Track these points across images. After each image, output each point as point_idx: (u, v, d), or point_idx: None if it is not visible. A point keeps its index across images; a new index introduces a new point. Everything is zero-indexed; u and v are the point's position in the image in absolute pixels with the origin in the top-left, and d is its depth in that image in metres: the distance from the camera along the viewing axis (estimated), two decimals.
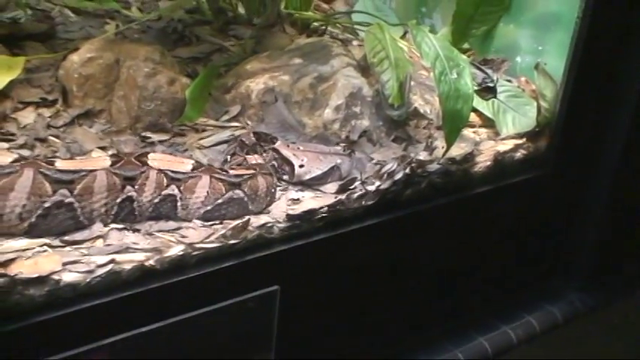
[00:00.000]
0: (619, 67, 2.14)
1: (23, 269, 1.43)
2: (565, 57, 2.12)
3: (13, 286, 1.38)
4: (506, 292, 2.30)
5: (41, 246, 1.57)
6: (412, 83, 2.27)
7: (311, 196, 1.93)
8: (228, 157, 1.99)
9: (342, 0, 3.02)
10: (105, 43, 2.14)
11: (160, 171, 1.73)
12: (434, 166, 1.97)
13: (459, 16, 2.47)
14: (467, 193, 2.05)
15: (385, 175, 1.93)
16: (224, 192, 1.77)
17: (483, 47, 2.54)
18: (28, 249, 1.54)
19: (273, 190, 1.87)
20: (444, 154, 2.00)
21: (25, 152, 1.87)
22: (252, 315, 1.67)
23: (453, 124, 1.96)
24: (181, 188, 1.74)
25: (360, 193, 1.86)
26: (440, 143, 2.11)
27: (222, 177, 1.78)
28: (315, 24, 2.60)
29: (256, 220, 1.73)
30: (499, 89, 2.20)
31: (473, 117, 2.27)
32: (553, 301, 2.37)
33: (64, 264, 1.48)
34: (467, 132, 2.23)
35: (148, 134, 2.05)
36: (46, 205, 1.60)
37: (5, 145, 1.90)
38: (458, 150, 2.07)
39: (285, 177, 1.99)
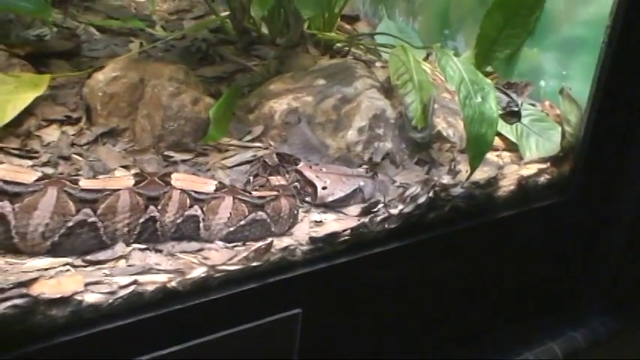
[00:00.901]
0: None
1: (46, 289, 1.42)
2: (590, 82, 2.09)
3: (35, 306, 1.37)
4: (529, 317, 2.27)
5: (64, 265, 1.57)
6: (435, 106, 2.26)
7: (333, 219, 1.92)
8: (251, 177, 1.99)
9: (365, 21, 3.03)
10: (129, 62, 2.15)
11: (183, 191, 1.73)
12: (457, 190, 1.95)
13: (483, 39, 2.46)
14: (490, 217, 2.02)
15: (408, 199, 1.91)
16: (247, 213, 1.76)
17: (507, 71, 2.53)
18: (50, 268, 1.55)
19: (295, 212, 1.87)
20: (467, 178, 1.99)
21: (49, 170, 1.89)
22: (273, 338, 1.66)
23: (477, 148, 1.95)
24: (204, 209, 1.73)
25: (383, 216, 1.84)
26: (463, 167, 2.09)
27: (245, 198, 1.77)
28: (339, 45, 2.61)
29: (279, 243, 1.72)
30: (523, 113, 2.19)
31: (496, 141, 2.25)
32: (575, 326, 2.33)
33: (87, 284, 1.47)
34: (490, 156, 2.22)
35: (171, 153, 2.06)
36: (70, 224, 1.60)
37: (29, 162, 1.91)
38: (481, 174, 2.06)
39: (308, 199, 1.98)
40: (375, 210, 1.90)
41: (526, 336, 2.24)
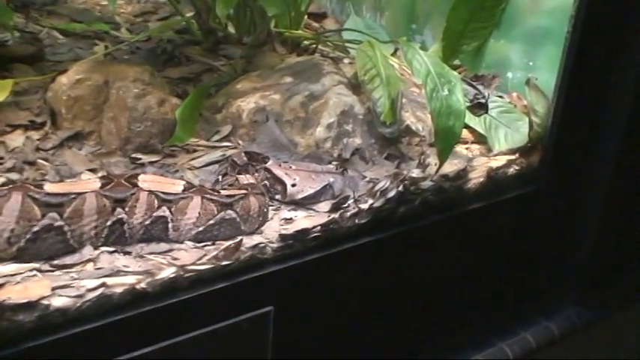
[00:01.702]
0: (610, 81, 2.13)
1: (12, 295, 1.40)
2: (556, 72, 2.11)
3: (1, 312, 1.35)
4: (502, 308, 2.28)
5: (30, 270, 1.54)
6: (404, 100, 2.27)
7: (304, 216, 1.92)
8: (220, 177, 1.97)
9: (333, 18, 3.03)
10: (93, 65, 2.13)
11: (151, 192, 1.71)
12: (427, 184, 1.95)
13: (450, 33, 2.47)
14: (460, 210, 2.03)
15: (378, 193, 1.91)
16: (216, 213, 1.75)
17: (474, 63, 2.55)
18: (17, 274, 1.52)
19: (265, 210, 1.86)
20: (436, 171, 1.99)
21: (14, 176, 1.85)
22: (246, 337, 1.65)
23: (445, 141, 1.95)
24: (172, 210, 1.72)
25: (354, 211, 1.84)
26: (433, 160, 2.10)
27: (214, 198, 1.76)
28: (306, 42, 2.60)
29: (249, 241, 1.71)
30: (491, 105, 2.20)
31: (465, 133, 2.26)
32: (549, 316, 2.35)
33: (54, 288, 1.45)
34: (459, 148, 2.23)
35: (139, 155, 2.04)
36: (35, 229, 1.58)
37: None
38: (451, 167, 2.06)
39: (278, 196, 1.97)
40: (345, 206, 1.90)
41: (500, 326, 2.26)
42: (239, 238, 1.69)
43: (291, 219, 1.89)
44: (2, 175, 1.82)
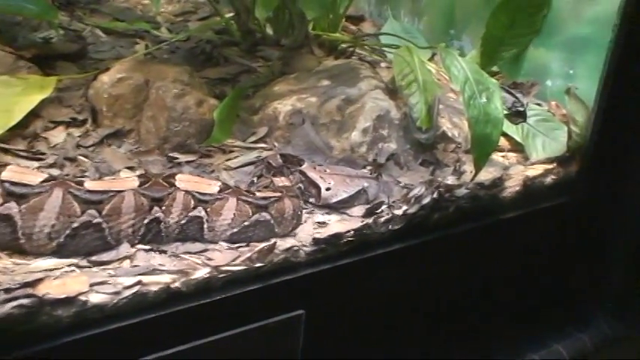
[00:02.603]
0: None
1: (51, 289, 1.43)
2: (597, 81, 2.08)
3: (41, 306, 1.38)
4: (534, 318, 2.26)
5: (69, 266, 1.58)
6: (440, 106, 2.26)
7: (337, 220, 1.92)
8: (255, 178, 1.99)
9: (370, 22, 3.03)
10: (135, 64, 2.16)
11: (187, 192, 1.73)
12: (462, 191, 1.94)
13: (489, 39, 2.45)
14: (495, 218, 2.02)
15: (413, 200, 1.91)
16: (250, 214, 1.76)
17: (513, 70, 2.53)
18: (56, 269, 1.55)
19: (299, 213, 1.87)
20: (472, 179, 1.98)
21: (55, 172, 1.89)
22: (276, 339, 1.66)
23: (482, 148, 1.94)
24: (208, 210, 1.74)
25: (387, 217, 1.84)
26: (468, 167, 2.09)
27: (249, 199, 1.78)
28: (343, 46, 2.60)
29: (282, 244, 1.72)
30: (529, 113, 2.18)
31: (502, 141, 2.25)
32: (582, 327, 2.32)
33: (92, 285, 1.48)
34: (495, 156, 2.22)
35: (176, 155, 2.06)
36: (75, 225, 1.61)
37: (35, 164, 1.92)
38: (486, 174, 2.05)
39: (312, 200, 1.98)
40: (378, 211, 1.91)
41: (532, 337, 2.24)
42: (273, 240, 1.71)
43: (324, 223, 1.90)
44: (44, 171, 1.85)
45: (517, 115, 2.12)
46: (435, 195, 1.89)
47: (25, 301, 1.35)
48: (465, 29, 2.72)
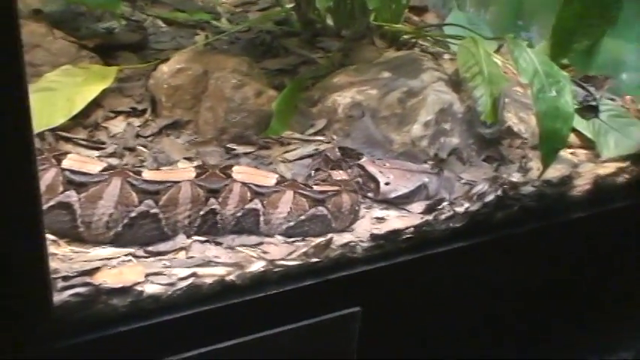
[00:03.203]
0: None
1: (108, 278, 1.44)
2: None
3: (97, 295, 1.38)
4: (601, 324, 2.17)
5: (126, 255, 1.58)
6: (506, 100, 2.19)
7: (396, 216, 1.88)
8: (313, 172, 1.96)
9: (434, 12, 2.95)
10: (194, 55, 2.16)
11: (244, 184, 1.72)
12: (528, 189, 1.87)
13: (560, 30, 2.33)
14: (563, 218, 1.94)
15: (475, 197, 1.85)
16: (307, 208, 1.73)
17: (585, 63, 2.41)
18: (113, 258, 1.56)
19: (357, 208, 1.83)
20: (539, 176, 1.91)
21: (114, 161, 1.91)
22: (331, 336, 1.63)
23: (550, 144, 1.87)
24: (264, 203, 1.72)
25: (448, 214, 1.78)
26: (535, 164, 2.02)
27: (306, 193, 1.75)
28: (405, 37, 2.54)
29: (339, 239, 1.69)
30: (601, 108, 2.09)
31: (571, 137, 2.16)
32: None
33: (147, 275, 1.48)
34: (564, 153, 2.13)
35: (234, 146, 2.05)
36: (132, 214, 1.61)
37: (96, 153, 1.94)
38: (554, 172, 1.97)
39: (370, 194, 1.93)
40: (439, 207, 1.85)
41: (596, 343, 2.15)
42: (329, 235, 1.68)
43: (382, 218, 1.86)
44: (104, 160, 1.86)
45: (588, 110, 2.04)
46: (499, 192, 1.82)
47: (81, 290, 1.36)
48: (533, 20, 2.63)
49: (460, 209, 1.80)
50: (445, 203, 1.87)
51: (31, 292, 1.26)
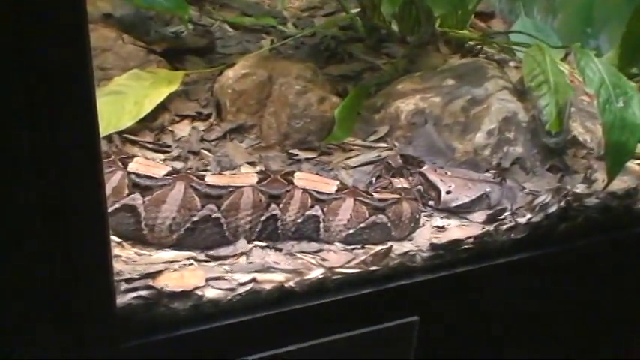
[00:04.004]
0: None
1: (169, 282, 1.47)
2: None
3: (159, 298, 1.42)
4: None
5: (188, 259, 1.61)
6: (572, 109, 2.14)
7: (457, 225, 1.86)
8: (374, 179, 1.96)
9: (501, 19, 2.91)
10: (259, 60, 2.18)
11: (305, 191, 1.73)
12: (592, 201, 1.84)
13: (630, 38, 2.27)
14: (628, 232, 1.90)
15: (538, 208, 1.82)
16: (367, 216, 1.74)
17: None
18: (175, 261, 1.59)
19: (417, 217, 1.82)
20: (604, 188, 1.87)
21: (179, 164, 1.95)
22: (389, 345, 1.63)
23: (616, 156, 1.83)
24: (325, 210, 1.73)
25: (510, 224, 1.77)
26: (600, 175, 1.97)
27: (367, 200, 1.75)
28: (471, 43, 2.52)
29: (399, 247, 1.69)
30: None
31: (638, 148, 2.09)
32: None
33: (207, 279, 1.51)
34: (631, 164, 2.06)
35: (296, 152, 2.06)
36: (195, 219, 1.65)
37: (161, 156, 1.98)
38: (619, 184, 1.93)
39: (431, 203, 1.92)
40: (501, 218, 1.83)
41: None
42: (389, 243, 1.68)
43: (443, 227, 1.85)
44: (169, 164, 1.90)
45: None
46: (562, 204, 1.80)
47: (144, 293, 1.40)
48: (603, 28, 2.56)
49: (522, 220, 1.79)
50: (507, 213, 1.85)
51: (96, 293, 1.29)
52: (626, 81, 1.91)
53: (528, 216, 1.80)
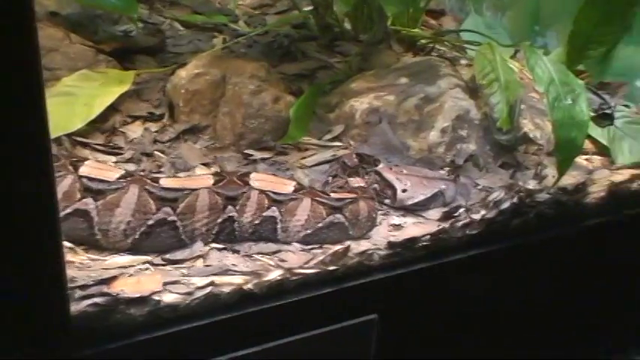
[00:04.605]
0: None
1: (125, 287, 1.45)
2: None
3: (115, 304, 1.39)
4: (615, 331, 2.17)
5: (144, 263, 1.59)
6: (522, 106, 2.18)
7: (413, 222, 1.88)
8: (330, 178, 1.96)
9: (451, 16, 2.95)
10: (212, 59, 2.16)
11: (262, 192, 1.72)
12: (543, 196, 1.88)
13: (576, 36, 2.34)
14: (578, 225, 1.94)
15: (491, 204, 1.85)
16: (325, 216, 1.74)
17: (601, 70, 2.41)
18: (131, 266, 1.57)
19: (374, 215, 1.83)
20: (554, 184, 1.91)
21: (132, 166, 1.92)
22: (348, 343, 1.64)
23: (565, 152, 1.87)
24: (282, 210, 1.72)
25: (465, 221, 1.79)
26: (550, 171, 2.02)
27: (324, 200, 1.75)
28: (423, 41, 2.54)
29: (356, 247, 1.69)
30: (616, 115, 2.09)
31: (586, 144, 2.15)
32: None
33: (165, 284, 1.48)
34: (579, 160, 2.13)
35: (251, 152, 2.06)
36: (150, 222, 1.62)
37: (113, 158, 1.95)
38: (569, 179, 1.98)
39: (387, 201, 1.94)
40: (456, 215, 1.85)
41: (611, 351, 2.15)
42: (347, 243, 1.68)
43: (399, 225, 1.86)
44: (121, 166, 1.87)
45: (604, 118, 2.05)
46: (515, 200, 1.83)
47: (99, 300, 1.37)
48: (550, 25, 2.62)
49: (476, 216, 1.81)
50: (462, 210, 1.87)
51: (49, 301, 1.26)
52: (574, 79, 1.95)
53: (482, 212, 1.82)
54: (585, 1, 2.30)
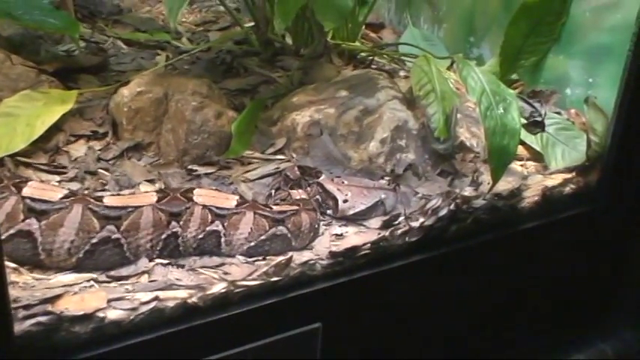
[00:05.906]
0: None
1: (70, 305, 1.46)
2: (616, 90, 2.06)
3: (59, 323, 1.41)
4: (556, 330, 2.24)
5: (88, 281, 1.60)
6: (459, 116, 2.25)
7: (354, 232, 1.93)
8: (273, 191, 2.00)
9: (390, 29, 3.02)
10: (154, 77, 2.19)
11: (205, 207, 1.75)
12: (479, 202, 1.94)
13: (508, 47, 2.43)
14: (514, 229, 2.00)
15: (430, 211, 1.90)
16: (267, 228, 1.78)
17: (532, 78, 2.51)
18: (75, 284, 1.58)
19: (316, 226, 1.88)
20: (489, 190, 1.97)
21: (76, 185, 1.93)
22: (294, 352, 1.67)
23: (499, 160, 1.93)
24: (225, 224, 1.75)
25: (404, 229, 1.84)
26: (486, 177, 2.08)
27: (266, 213, 1.79)
28: (362, 54, 2.60)
29: (299, 257, 1.73)
30: (548, 122, 2.17)
31: (521, 150, 2.23)
32: (605, 338, 2.30)
33: (109, 300, 1.50)
34: (514, 165, 2.20)
35: (195, 167, 2.08)
36: (94, 240, 1.64)
37: (57, 177, 1.96)
38: (505, 185, 2.04)
39: (329, 212, 1.98)
40: (396, 223, 1.90)
41: (554, 349, 2.22)
42: (289, 254, 1.72)
43: (341, 235, 1.91)
44: (65, 185, 1.88)
45: (535, 125, 2.11)
46: (452, 206, 1.88)
47: (43, 319, 1.38)
48: (484, 36, 2.71)
49: (415, 224, 1.85)
50: (401, 218, 1.92)
51: None
52: (505, 88, 2.02)
53: (421, 219, 1.87)
54: (515, 14, 2.40)
